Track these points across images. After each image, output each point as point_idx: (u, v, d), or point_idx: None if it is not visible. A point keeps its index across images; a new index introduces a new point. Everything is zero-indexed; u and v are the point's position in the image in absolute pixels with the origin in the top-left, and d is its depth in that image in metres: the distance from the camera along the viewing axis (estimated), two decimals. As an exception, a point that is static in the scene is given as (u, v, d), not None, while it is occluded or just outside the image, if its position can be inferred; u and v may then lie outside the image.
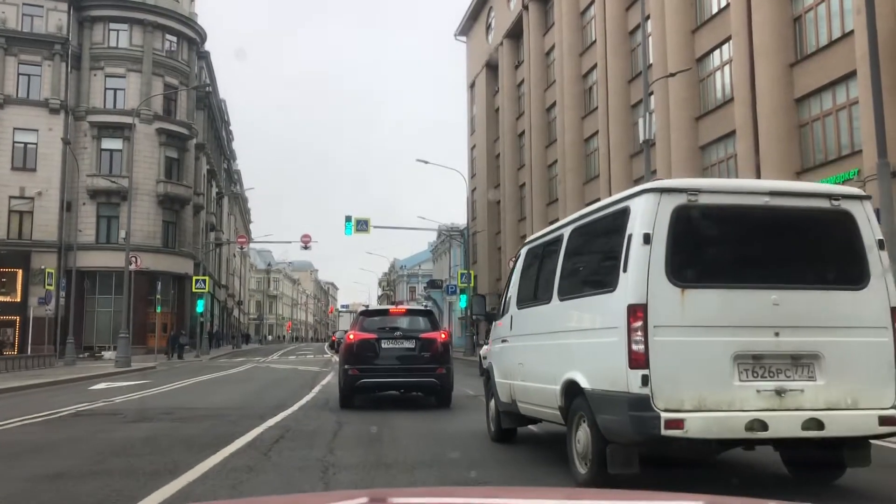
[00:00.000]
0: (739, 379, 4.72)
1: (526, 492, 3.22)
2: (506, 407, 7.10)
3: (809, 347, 4.82)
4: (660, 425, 4.53)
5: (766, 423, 4.61)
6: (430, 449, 7.17)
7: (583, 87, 36.08)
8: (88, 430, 8.47)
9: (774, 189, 5.17)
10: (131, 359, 25.12)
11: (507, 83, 46.14)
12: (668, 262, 4.79)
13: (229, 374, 21.03)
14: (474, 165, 52.09)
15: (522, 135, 44.10)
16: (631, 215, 4.98)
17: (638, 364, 4.66)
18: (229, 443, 6.98)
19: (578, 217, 6.10)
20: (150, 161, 41.30)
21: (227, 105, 62.63)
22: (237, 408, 10.63)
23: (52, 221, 38.98)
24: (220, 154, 59.21)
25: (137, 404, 11.38)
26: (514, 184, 44.79)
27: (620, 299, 4.85)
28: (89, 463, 6.36)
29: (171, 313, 42.01)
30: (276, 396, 12.59)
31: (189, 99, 44.64)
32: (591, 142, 35.28)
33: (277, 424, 8.47)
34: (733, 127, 23.71)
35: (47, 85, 39.57)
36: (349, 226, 34.07)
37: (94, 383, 17.25)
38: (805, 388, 4.75)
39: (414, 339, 11.13)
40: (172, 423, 8.82)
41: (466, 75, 54.85)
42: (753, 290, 4.87)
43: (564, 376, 5.47)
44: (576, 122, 35.96)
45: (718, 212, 5.00)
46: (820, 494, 4.93)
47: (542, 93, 40.99)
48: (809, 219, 5.12)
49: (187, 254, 43.29)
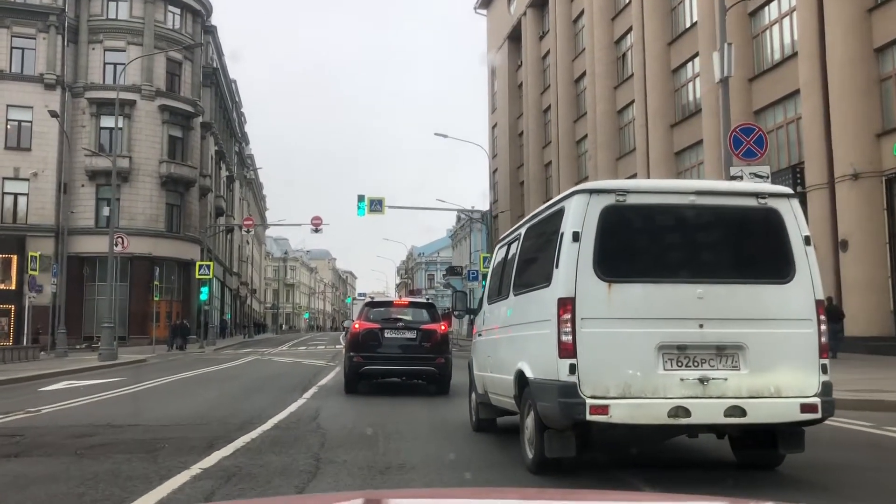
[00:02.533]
0: (664, 368, 4.94)
1: (524, 492, 3.29)
2: (481, 398, 7.38)
3: (733, 338, 5.01)
4: (585, 411, 4.77)
5: (688, 410, 4.81)
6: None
7: (615, 54, 33.17)
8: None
9: (701, 189, 5.43)
10: (118, 352, 22.64)
11: (530, 56, 43.26)
12: (595, 258, 5.02)
13: (220, 370, 18.45)
14: (496, 145, 49.26)
15: (548, 110, 41.22)
16: (564, 215, 5.25)
17: (566, 353, 4.91)
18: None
19: (532, 216, 6.35)
20: (152, 140, 38.87)
21: (238, 86, 60.05)
22: (188, 425, 7.94)
23: (49, 204, 36.74)
24: (231, 136, 56.67)
25: (63, 417, 8.72)
26: (539, 163, 41.96)
27: (553, 293, 5.10)
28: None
29: (176, 302, 39.72)
30: (252, 405, 9.86)
31: (194, 74, 42.07)
32: (625, 113, 32.35)
33: (220, 466, 5.51)
34: (797, 86, 20.71)
35: (42, 59, 37.17)
36: (362, 206, 31.35)
37: (53, 382, 14.75)
38: (729, 377, 4.94)
39: (415, 330, 11.67)
40: (65, 458, 5.81)
41: (487, 50, 51.93)
42: (678, 284, 5.08)
43: (516, 367, 5.75)
44: (608, 91, 33.04)
45: (645, 211, 5.24)
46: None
47: (569, 63, 38.06)
48: (736, 216, 5.34)
49: (193, 238, 40.83)
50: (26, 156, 36.55)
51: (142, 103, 38.58)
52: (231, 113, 55.97)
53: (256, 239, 79.22)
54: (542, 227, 5.93)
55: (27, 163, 36.50)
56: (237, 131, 60.14)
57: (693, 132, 26.23)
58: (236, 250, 59.92)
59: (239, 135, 61.80)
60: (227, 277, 54.04)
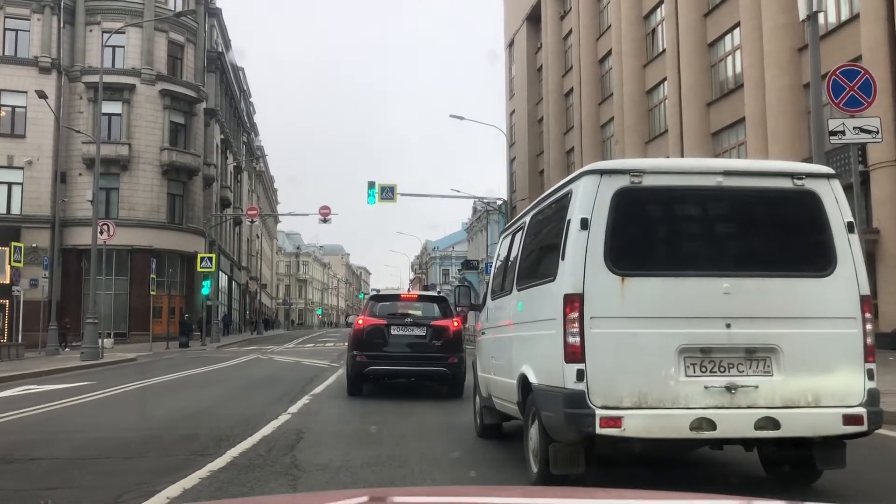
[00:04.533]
0: (685, 374, 4.42)
1: (526, 491, 3.14)
2: (485, 402, 6.84)
3: (765, 340, 4.49)
4: (595, 423, 4.28)
5: (713, 422, 4.31)
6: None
7: (644, 30, 30.90)
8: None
9: (728, 168, 4.83)
10: (103, 350, 20.67)
11: (551, 36, 41.02)
12: (607, 248, 4.49)
13: (209, 372, 16.44)
14: (514, 132, 47.03)
15: (570, 93, 38.97)
16: (572, 199, 4.73)
17: (573, 358, 4.41)
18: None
19: (537, 202, 5.83)
20: (152, 126, 36.96)
21: (246, 74, 58.07)
22: (112, 458, 5.90)
23: (45, 194, 34.96)
24: (239, 125, 54.70)
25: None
26: (560, 149, 39.74)
27: (558, 289, 4.62)
28: None
29: (180, 296, 37.89)
30: (218, 424, 7.65)
31: (197, 58, 40.11)
32: (655, 92, 30.08)
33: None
34: (858, 52, 18.39)
35: (37, 41, 35.38)
36: (372, 193, 29.22)
37: (11, 386, 12.77)
38: (760, 385, 4.43)
39: (425, 327, 10.81)
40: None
41: (504, 33, 49.72)
42: (702, 278, 4.54)
43: (519, 371, 5.27)
44: (636, 70, 30.79)
45: (665, 194, 4.71)
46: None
47: (593, 42, 35.80)
48: (769, 200, 4.78)
49: (196, 230, 38.92)
50: (20, 143, 34.74)
51: (142, 87, 36.68)
52: (238, 101, 53.96)
53: (267, 233, 77.45)
54: (548, 214, 5.37)
55: (21, 150, 34.70)
56: (245, 121, 58.11)
57: (733, 110, 23.97)
58: (245, 244, 58.02)
59: (248, 125, 59.80)
60: (235, 272, 52.14)
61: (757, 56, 22.15)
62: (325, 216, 33.76)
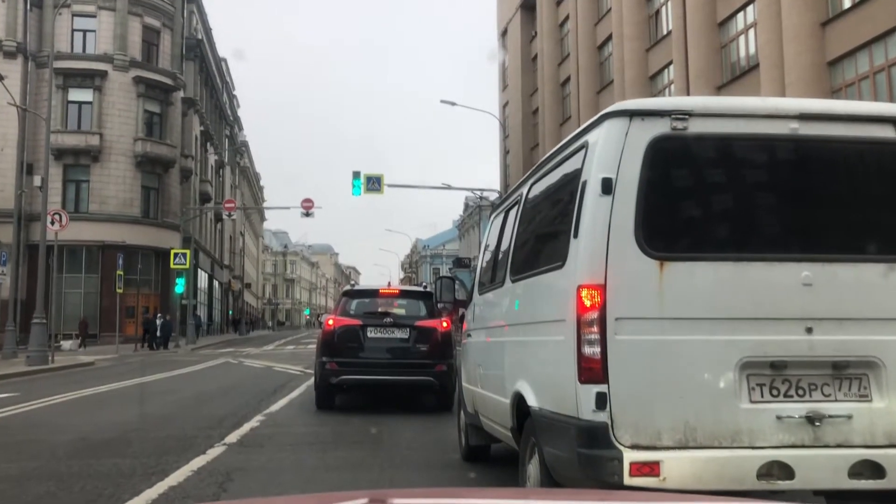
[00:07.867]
0: (750, 400, 3.22)
1: (526, 492, 2.97)
2: (471, 419, 5.60)
3: (861, 350, 3.25)
4: (622, 470, 3.04)
5: (790, 468, 3.09)
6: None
7: (647, 12, 29.15)
8: None
9: (807, 111, 3.45)
10: (49, 354, 18.64)
11: (546, 23, 39.22)
12: (638, 220, 3.24)
13: (165, 379, 14.43)
14: (508, 125, 45.16)
15: (567, 82, 37.16)
16: (588, 154, 3.44)
17: (591, 376, 3.19)
18: None
19: (538, 166, 4.41)
20: (126, 115, 34.98)
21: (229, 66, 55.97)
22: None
23: (9, 186, 32.79)
24: (221, 118, 52.61)
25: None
26: (556, 141, 37.44)
27: (570, 278, 3.36)
28: None
29: (154, 295, 35.92)
30: (118, 469, 5.48)
31: (174, 45, 38.11)
32: (659, 77, 28.31)
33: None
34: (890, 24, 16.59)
35: (1, 24, 33.54)
36: (357, 184, 27.24)
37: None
38: (854, 414, 3.21)
39: (408, 328, 9.37)
40: None
41: (497, 22, 47.89)
42: (773, 264, 3.29)
43: (513, 388, 4.08)
44: (639, 55, 29.00)
45: (719, 145, 3.40)
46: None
47: (591, 27, 34.01)
48: (862, 156, 3.47)
49: (172, 225, 36.91)
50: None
51: (114, 74, 34.73)
52: (220, 93, 51.89)
53: (252, 231, 75.41)
54: (553, 179, 4.08)
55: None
56: (228, 114, 56.03)
57: (747, 92, 22.11)
58: (228, 242, 55.93)
59: (231, 118, 57.71)
60: (217, 270, 50.06)
61: (775, 32, 20.35)
62: (308, 209, 31.87)
